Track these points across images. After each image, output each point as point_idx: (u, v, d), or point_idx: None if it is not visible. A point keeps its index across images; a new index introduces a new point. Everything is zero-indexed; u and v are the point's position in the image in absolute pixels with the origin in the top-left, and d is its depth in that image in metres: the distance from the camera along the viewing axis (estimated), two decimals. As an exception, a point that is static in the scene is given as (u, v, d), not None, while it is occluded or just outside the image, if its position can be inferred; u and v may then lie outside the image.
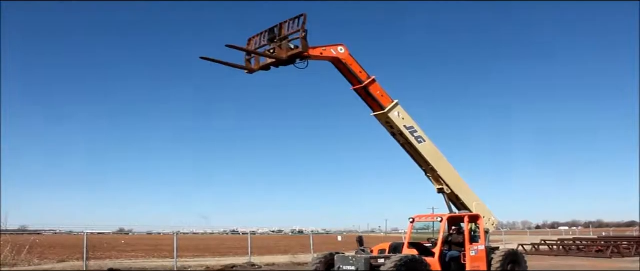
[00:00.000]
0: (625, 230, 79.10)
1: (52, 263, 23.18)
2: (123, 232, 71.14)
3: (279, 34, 13.21)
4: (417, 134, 14.75)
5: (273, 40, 13.26)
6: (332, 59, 13.72)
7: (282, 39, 13.13)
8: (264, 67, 13.50)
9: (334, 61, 13.81)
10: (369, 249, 14.59)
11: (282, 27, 13.23)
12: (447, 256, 14.03)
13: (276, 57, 13.16)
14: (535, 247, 34.53)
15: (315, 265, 13.93)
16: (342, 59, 13.76)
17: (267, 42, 13.41)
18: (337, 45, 13.69)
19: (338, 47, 13.70)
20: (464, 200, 15.55)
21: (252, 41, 13.80)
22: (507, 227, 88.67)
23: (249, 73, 13.74)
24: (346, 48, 13.81)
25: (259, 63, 13.56)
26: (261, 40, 13.56)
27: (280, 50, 13.07)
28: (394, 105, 14.37)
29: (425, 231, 16.12)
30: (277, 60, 13.24)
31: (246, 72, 13.71)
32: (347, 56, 13.83)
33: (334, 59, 13.73)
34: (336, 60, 13.75)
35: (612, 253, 29.11)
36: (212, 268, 21.29)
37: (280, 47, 13.07)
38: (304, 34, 12.90)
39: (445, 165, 15.45)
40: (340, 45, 13.75)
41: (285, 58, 13.06)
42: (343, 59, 13.76)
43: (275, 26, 13.31)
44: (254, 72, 13.64)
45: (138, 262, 24.87)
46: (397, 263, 12.25)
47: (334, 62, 13.83)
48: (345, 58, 13.79)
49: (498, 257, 14.65)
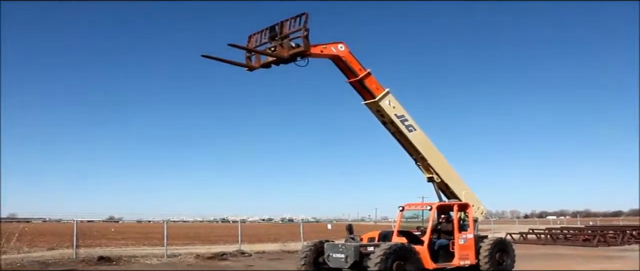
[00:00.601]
0: (612, 219, 79.97)
1: (42, 250, 23.08)
2: (113, 220, 70.76)
3: (280, 33, 13.32)
4: (407, 123, 14.82)
5: (274, 39, 13.37)
6: (333, 56, 13.88)
7: (283, 37, 13.23)
8: (265, 65, 13.63)
9: (334, 59, 13.97)
10: (359, 237, 14.67)
11: (284, 26, 13.35)
12: (436, 244, 14.13)
13: (278, 56, 13.26)
14: (523, 236, 34.82)
15: (305, 252, 14.00)
16: (343, 56, 13.94)
17: (268, 40, 13.52)
18: (337, 43, 13.86)
19: (338, 45, 13.87)
20: (453, 189, 15.67)
21: (253, 38, 13.91)
22: (496, 216, 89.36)
23: (249, 71, 13.84)
24: (346, 46, 13.99)
25: (260, 61, 13.67)
26: (262, 38, 13.68)
27: (281, 49, 13.17)
28: (385, 93, 14.43)
29: (414, 220, 16.26)
30: (278, 59, 13.34)
31: (247, 70, 13.81)
32: (347, 54, 14.00)
33: (334, 56, 13.88)
34: (336, 57, 13.91)
35: (599, 242, 29.46)
36: (203, 256, 21.30)
37: (281, 45, 13.17)
38: (306, 33, 13.03)
39: (436, 154, 15.54)
40: (340, 43, 13.91)
41: (287, 57, 13.18)
42: (343, 56, 13.94)
43: (276, 24, 13.42)
44: (255, 69, 13.75)
45: (128, 250, 24.83)
46: (387, 251, 12.34)
47: (334, 59, 13.99)
48: (345, 56, 13.96)
49: (487, 246, 14.79)
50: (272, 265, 18.73)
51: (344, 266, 13.20)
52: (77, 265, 18.05)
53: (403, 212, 15.37)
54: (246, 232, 31.88)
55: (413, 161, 15.74)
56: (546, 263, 19.38)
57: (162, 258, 20.86)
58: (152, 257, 21.04)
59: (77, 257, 19.73)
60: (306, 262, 13.85)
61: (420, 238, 13.97)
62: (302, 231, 26.76)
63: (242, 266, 18.36)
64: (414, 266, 12.71)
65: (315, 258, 13.92)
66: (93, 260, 19.10)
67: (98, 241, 31.44)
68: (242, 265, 19.01)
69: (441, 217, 15.22)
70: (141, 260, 20.22)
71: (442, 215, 15.23)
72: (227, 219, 55.53)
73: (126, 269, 17.39)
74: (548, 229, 38.38)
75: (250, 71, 13.83)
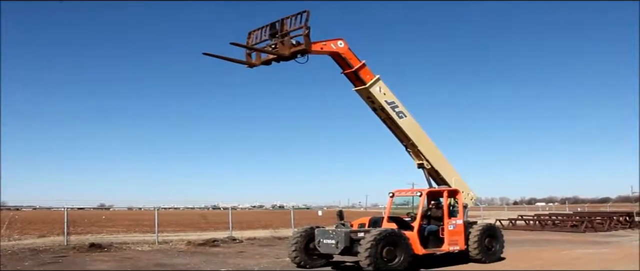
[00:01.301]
0: (599, 206, 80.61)
1: (33, 238, 23.07)
2: (104, 208, 70.69)
3: (281, 30, 13.37)
4: (398, 109, 14.89)
5: (274, 36, 13.44)
6: (332, 53, 14.02)
7: (284, 35, 13.29)
8: (266, 62, 13.76)
9: (334, 55, 14.10)
10: (349, 223, 14.79)
11: (284, 23, 13.43)
12: (426, 230, 14.25)
13: (279, 55, 13.33)
14: (512, 222, 35.16)
15: (296, 239, 14.09)
16: (342, 53, 14.09)
17: (268, 37, 13.60)
18: (336, 39, 14.02)
19: (338, 41, 14.03)
20: (443, 175, 15.81)
21: (253, 35, 14.00)
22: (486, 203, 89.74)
23: (250, 68, 13.95)
24: (345, 42, 14.15)
25: (260, 58, 13.79)
26: (262, 35, 13.77)
27: (282, 46, 13.24)
28: (376, 80, 14.49)
29: (405, 206, 16.36)
30: (279, 57, 13.39)
31: (247, 67, 13.92)
32: (347, 50, 14.15)
33: (333, 53, 14.03)
34: (336, 54, 14.06)
35: (586, 228, 29.79)
36: (194, 243, 21.37)
37: (282, 43, 13.24)
38: (308, 31, 13.11)
39: (426, 141, 15.65)
40: (339, 39, 14.07)
41: (288, 55, 13.27)
42: (343, 53, 14.10)
43: (276, 21, 13.50)
44: (255, 66, 13.87)
45: (119, 237, 24.87)
46: (377, 236, 12.46)
47: (333, 55, 14.13)
48: (344, 52, 14.12)
49: (476, 231, 14.96)
50: (263, 251, 18.84)
51: (334, 252, 13.33)
52: (69, 252, 18.06)
53: (393, 199, 15.50)
54: (237, 219, 31.96)
55: (403, 147, 15.87)
56: (534, 249, 19.60)
57: (153, 244, 20.91)
58: (144, 244, 21.09)
59: (68, 244, 19.73)
60: (297, 248, 13.94)
61: (410, 224, 14.07)
62: (293, 218, 26.85)
63: (234, 252, 18.45)
64: (404, 251, 12.82)
65: (306, 244, 14.01)
66: (84, 247, 19.09)
67: (89, 228, 31.40)
68: (233, 251, 19.10)
69: (431, 203, 15.36)
70: (132, 246, 20.25)
71: (432, 201, 15.37)
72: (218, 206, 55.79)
73: (118, 255, 17.42)
74: (537, 215, 38.73)
75: (250, 68, 13.95)
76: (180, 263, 15.28)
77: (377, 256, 12.28)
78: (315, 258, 14.10)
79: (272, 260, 16.13)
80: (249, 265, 14.90)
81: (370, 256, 12.18)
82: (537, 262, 15.59)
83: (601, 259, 16.27)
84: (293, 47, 13.23)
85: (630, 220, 33.52)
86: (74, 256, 17.07)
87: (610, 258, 16.66)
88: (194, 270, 13.88)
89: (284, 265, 14.51)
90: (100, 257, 17.00)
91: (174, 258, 16.84)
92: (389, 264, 12.48)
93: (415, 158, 15.81)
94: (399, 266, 12.62)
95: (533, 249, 19.53)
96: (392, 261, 12.57)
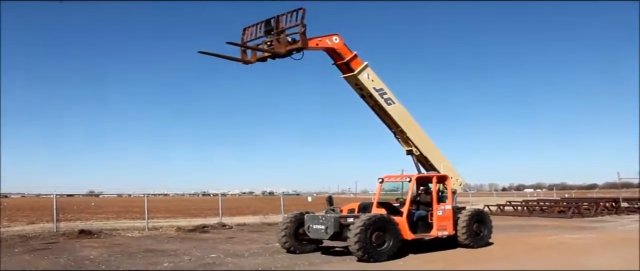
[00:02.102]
0: (586, 192, 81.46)
1: (22, 225, 23.02)
2: (93, 195, 70.47)
3: (276, 27, 13.35)
4: (386, 96, 14.93)
5: (270, 33, 13.42)
6: (327, 49, 14.09)
7: (279, 32, 13.27)
8: (261, 59, 13.78)
9: (329, 50, 14.16)
10: (339, 209, 14.87)
11: (280, 20, 13.40)
12: (415, 215, 14.35)
13: (275, 53, 13.36)
14: (500, 208, 35.46)
15: (285, 224, 14.14)
16: (337, 49, 14.16)
17: (264, 34, 13.58)
18: (332, 35, 14.10)
19: (333, 37, 14.12)
20: (432, 161, 15.90)
21: (248, 31, 13.98)
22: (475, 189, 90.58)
23: (245, 65, 13.94)
24: (341, 38, 14.22)
25: (256, 55, 13.80)
26: (257, 31, 13.76)
27: (278, 44, 13.25)
28: (364, 67, 14.51)
29: (394, 192, 16.47)
30: (275, 54, 13.43)
31: (243, 64, 13.92)
32: (342, 46, 14.22)
33: (329, 49, 14.10)
34: (331, 49, 14.13)
35: (573, 214, 30.15)
36: (184, 229, 21.41)
37: (278, 40, 13.23)
38: (304, 29, 13.12)
39: (415, 128, 15.71)
40: (335, 35, 14.16)
41: (284, 53, 13.29)
42: (338, 49, 14.16)
43: (271, 18, 13.47)
44: (251, 63, 13.86)
45: (109, 223, 24.85)
46: (366, 222, 12.53)
47: (328, 51, 14.18)
48: (340, 48, 14.18)
49: (464, 217, 15.08)
50: (253, 237, 18.91)
51: (324, 237, 13.41)
52: (59, 239, 18.04)
53: (383, 184, 15.58)
54: (227, 205, 32.04)
55: (392, 134, 15.92)
56: (522, 234, 19.82)
57: (143, 231, 20.93)
58: (134, 230, 21.10)
59: (57, 231, 19.70)
60: (286, 233, 14.00)
61: (400, 210, 14.16)
62: (282, 204, 26.91)
63: (224, 238, 18.51)
64: (393, 236, 12.90)
65: (296, 229, 14.07)
66: (74, 233, 19.08)
67: (78, 215, 31.39)
68: (223, 237, 19.15)
69: (420, 189, 15.47)
70: (122, 233, 20.25)
71: (421, 187, 15.48)
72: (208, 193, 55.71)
73: (108, 242, 17.43)
74: (525, 201, 39.07)
75: (246, 65, 13.94)
76: (170, 249, 15.31)
77: (367, 241, 12.35)
78: (305, 243, 14.17)
79: (262, 245, 16.20)
80: (239, 250, 14.97)
81: (360, 241, 12.25)
82: (524, 247, 15.77)
83: (587, 244, 16.49)
84: (289, 45, 13.24)
85: (616, 205, 33.98)
86: (64, 243, 17.06)
87: (596, 242, 16.90)
88: (184, 255, 13.92)
89: (274, 251, 14.59)
90: (90, 243, 17.00)
91: (164, 244, 16.87)
92: (378, 249, 12.55)
93: (404, 144, 15.88)
94: (388, 251, 12.70)
95: (520, 234, 19.75)
96: (381, 246, 12.64)
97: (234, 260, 13.08)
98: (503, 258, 13.48)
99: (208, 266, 12.07)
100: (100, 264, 12.42)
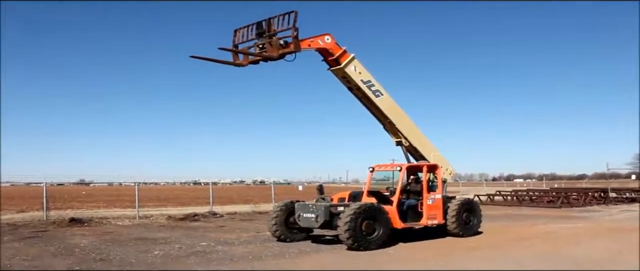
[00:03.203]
0: (576, 183, 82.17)
1: (11, 213, 22.94)
2: (83, 183, 70.20)
3: (268, 30, 13.26)
4: (374, 88, 14.87)
5: (261, 35, 13.34)
6: (319, 49, 14.09)
7: (271, 35, 13.21)
8: (253, 62, 13.70)
9: (320, 50, 14.15)
10: (329, 198, 14.92)
11: (271, 23, 13.31)
12: (405, 204, 14.42)
13: (268, 57, 13.29)
14: (490, 198, 35.73)
15: (276, 213, 14.18)
16: (329, 48, 14.13)
17: (255, 36, 13.51)
18: (323, 35, 14.10)
19: (325, 37, 14.12)
20: (422, 152, 15.94)
21: (239, 33, 13.90)
22: (465, 179, 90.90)
23: (237, 67, 13.86)
24: (332, 37, 14.21)
25: (248, 58, 13.71)
26: (249, 33, 13.69)
27: (271, 47, 13.18)
28: (350, 59, 14.42)
29: (385, 181, 16.53)
30: (268, 58, 13.37)
31: (235, 67, 13.86)
32: (333, 45, 14.18)
33: (321, 49, 14.10)
34: (323, 49, 14.12)
35: (562, 204, 30.44)
36: (175, 217, 21.42)
37: (270, 44, 13.15)
38: (296, 32, 13.06)
39: (404, 119, 15.70)
40: (326, 35, 14.16)
41: (277, 56, 13.23)
42: (330, 48, 14.13)
43: (263, 21, 13.38)
44: (243, 66, 13.75)
45: (100, 212, 24.84)
46: (356, 210, 12.58)
47: (320, 50, 14.18)
48: (331, 47, 14.15)
49: (454, 206, 15.15)
50: (244, 225, 18.96)
51: (314, 226, 13.47)
52: (49, 227, 18.01)
53: (373, 174, 15.62)
54: (218, 194, 32.09)
55: (381, 125, 15.91)
56: (511, 223, 19.99)
57: (134, 219, 20.94)
58: (124, 218, 21.12)
59: (47, 219, 19.68)
60: (277, 222, 14.04)
61: (390, 199, 14.21)
62: (273, 193, 26.99)
63: (214, 227, 18.55)
64: (383, 225, 12.96)
65: (286, 218, 14.12)
66: (64, 221, 19.08)
67: (69, 204, 31.36)
68: (214, 225, 19.19)
69: (410, 178, 15.54)
70: (113, 221, 20.27)
71: (412, 176, 15.55)
72: (199, 182, 55.57)
73: (98, 230, 17.42)
74: (514, 191, 39.43)
75: (238, 67, 13.86)
76: (161, 237, 15.33)
77: (357, 229, 12.40)
78: (295, 231, 14.22)
79: (253, 234, 16.25)
80: (229, 238, 15.00)
81: (350, 229, 12.30)
82: (513, 236, 15.91)
83: (574, 233, 16.65)
84: (281, 49, 13.21)
85: (604, 196, 34.36)
86: (54, 231, 17.03)
87: (583, 232, 17.07)
88: (175, 243, 13.94)
89: (265, 239, 14.64)
90: (81, 231, 16.99)
91: (155, 232, 16.89)
92: (368, 237, 12.61)
93: (393, 135, 15.88)
94: (377, 240, 12.76)
95: (510, 223, 19.91)
96: (371, 235, 12.70)
97: (225, 247, 13.12)
98: (491, 246, 13.59)
99: (199, 254, 12.10)
100: (91, 252, 12.42)
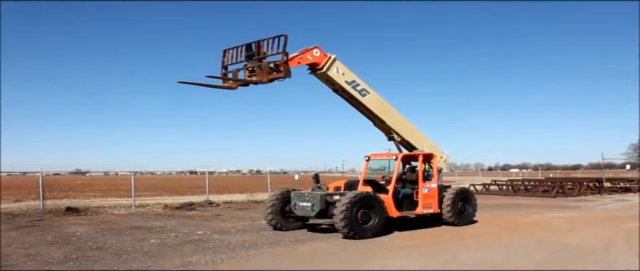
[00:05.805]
0: (571, 172, 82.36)
1: (7, 203, 22.93)
2: (80, 173, 69.97)
3: (258, 53, 13.10)
4: (360, 88, 14.59)
5: (251, 58, 13.17)
6: (309, 64, 13.86)
7: (261, 58, 13.07)
8: (243, 84, 13.52)
9: (310, 64, 13.93)
10: (325, 186, 14.98)
11: (261, 45, 13.13)
12: (400, 193, 14.48)
13: (258, 82, 13.14)
14: (486, 187, 35.88)
15: (272, 201, 14.22)
16: (319, 62, 13.85)
17: (245, 58, 13.34)
18: (311, 49, 13.76)
19: (313, 50, 13.78)
20: (415, 144, 15.77)
21: (228, 54, 13.72)
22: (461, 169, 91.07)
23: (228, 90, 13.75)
24: (320, 49, 13.89)
25: (237, 81, 13.54)
26: (238, 55, 13.49)
27: (261, 72, 13.00)
28: (332, 62, 14.03)
29: (381, 170, 16.59)
30: (258, 83, 13.23)
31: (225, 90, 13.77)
32: (322, 57, 13.90)
33: (310, 64, 13.87)
34: (313, 64, 13.88)
35: (557, 193, 30.62)
36: (171, 206, 21.47)
37: (260, 67, 12.99)
38: (286, 58, 12.86)
39: (393, 115, 15.47)
40: (314, 48, 13.82)
41: (266, 81, 13.06)
42: (319, 62, 13.86)
43: (253, 43, 13.18)
44: (233, 89, 13.61)
45: (96, 201, 24.87)
46: (352, 199, 12.64)
47: (309, 65, 13.96)
48: (320, 60, 13.87)
49: (449, 195, 15.23)
50: (240, 214, 19.02)
51: (310, 215, 13.54)
52: (45, 216, 18.03)
53: (369, 162, 15.68)
54: (214, 184, 32.11)
55: (371, 123, 15.76)
56: (506, 212, 20.11)
57: (130, 208, 20.98)
58: (120, 208, 21.16)
59: (44, 208, 19.70)
60: (273, 211, 14.10)
61: (386, 187, 14.28)
62: (269, 183, 27.04)
63: (210, 216, 18.60)
64: (379, 214, 13.02)
65: (282, 207, 14.17)
66: (61, 211, 19.10)
67: (65, 193, 31.36)
68: (210, 214, 19.24)
69: (406, 167, 15.61)
70: (109, 210, 20.31)
71: (407, 165, 15.62)
72: (195, 171, 55.46)
73: (95, 219, 17.46)
74: (510, 181, 39.52)
75: (227, 90, 13.75)
76: (157, 226, 15.38)
77: (352, 218, 12.46)
78: (291, 220, 14.27)
79: (249, 222, 16.32)
80: (225, 227, 15.07)
81: (345, 218, 12.36)
82: (508, 224, 16.02)
83: (569, 222, 16.77)
84: (271, 73, 13.01)
85: (599, 185, 34.51)
86: (51, 220, 17.06)
87: (577, 221, 17.20)
88: (171, 232, 13.99)
89: (261, 228, 14.70)
90: (77, 220, 17.02)
91: (151, 221, 16.93)
92: (363, 226, 12.68)
93: (385, 132, 15.80)
94: (373, 229, 12.83)
95: (504, 212, 20.04)
96: (366, 224, 12.77)
97: (221, 236, 13.18)
98: (486, 234, 13.70)
99: (195, 242, 12.16)
100: (87, 241, 12.46)
